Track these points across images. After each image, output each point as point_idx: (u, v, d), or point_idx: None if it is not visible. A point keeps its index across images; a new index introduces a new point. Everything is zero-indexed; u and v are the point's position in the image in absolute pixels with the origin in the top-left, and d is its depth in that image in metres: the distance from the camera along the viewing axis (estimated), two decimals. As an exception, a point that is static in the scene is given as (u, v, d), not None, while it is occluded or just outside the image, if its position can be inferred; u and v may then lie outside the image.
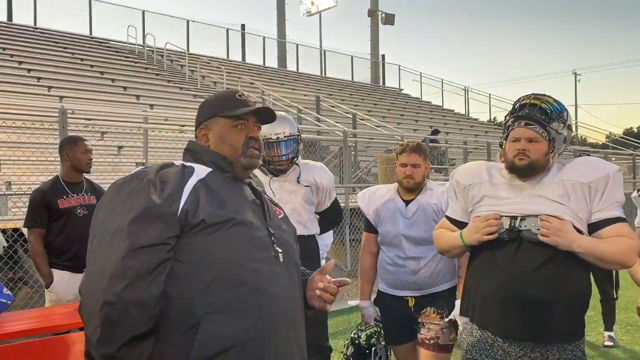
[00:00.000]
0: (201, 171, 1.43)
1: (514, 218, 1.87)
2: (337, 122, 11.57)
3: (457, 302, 2.39)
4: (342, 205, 7.47)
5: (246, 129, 1.52)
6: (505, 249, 1.87)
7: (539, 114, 1.89)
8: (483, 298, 1.92)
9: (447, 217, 2.14)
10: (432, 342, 2.58)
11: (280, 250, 1.44)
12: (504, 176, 1.97)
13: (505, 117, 2.00)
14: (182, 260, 1.31)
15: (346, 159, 8.42)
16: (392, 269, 2.68)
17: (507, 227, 1.87)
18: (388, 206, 2.73)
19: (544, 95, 1.95)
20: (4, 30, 14.63)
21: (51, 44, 14.77)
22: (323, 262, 3.55)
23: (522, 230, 1.85)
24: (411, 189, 2.69)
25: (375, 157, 10.32)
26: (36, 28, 15.99)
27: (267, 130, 2.75)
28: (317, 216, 3.03)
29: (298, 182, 2.79)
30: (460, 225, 2.04)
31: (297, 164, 2.82)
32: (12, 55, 12.68)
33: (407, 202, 2.70)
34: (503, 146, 1.98)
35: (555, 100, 1.94)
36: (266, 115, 1.57)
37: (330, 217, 3.02)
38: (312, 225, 2.88)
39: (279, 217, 1.59)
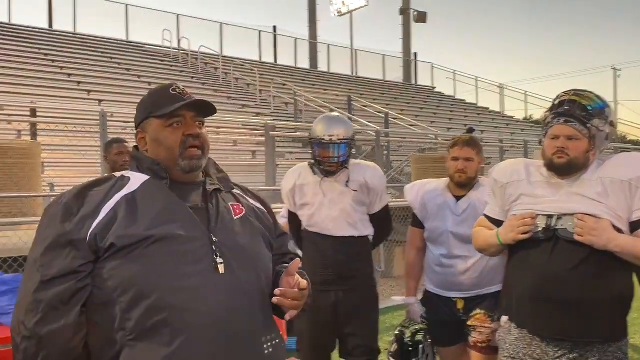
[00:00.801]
0: (136, 182, 1.34)
1: (550, 217, 1.84)
2: (369, 122, 11.54)
3: None
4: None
5: (183, 127, 1.38)
6: (541, 249, 1.84)
7: (579, 110, 1.85)
8: (519, 297, 1.90)
9: (485, 215, 2.12)
10: (484, 345, 2.51)
11: (220, 261, 1.30)
12: (543, 174, 1.93)
13: (545, 113, 1.97)
14: (100, 286, 1.25)
15: (379, 159, 8.39)
16: (439, 269, 2.61)
17: (543, 226, 1.84)
18: (437, 201, 2.64)
19: (585, 91, 1.91)
20: (45, 37, 15.14)
21: (90, 48, 15.21)
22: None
23: (558, 229, 1.82)
24: (463, 184, 2.59)
25: (408, 156, 10.25)
26: (76, 34, 16.47)
27: (321, 131, 2.75)
28: None
29: (347, 185, 2.75)
30: (499, 224, 2.02)
31: (347, 167, 2.78)
32: (53, 61, 13.11)
33: (458, 198, 2.60)
34: (542, 143, 1.94)
35: (597, 96, 1.89)
36: (204, 108, 1.43)
37: (378, 225, 2.88)
38: (364, 227, 2.80)
39: (238, 216, 1.42)
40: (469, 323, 2.56)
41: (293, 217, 2.92)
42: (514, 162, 2.06)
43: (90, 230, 1.25)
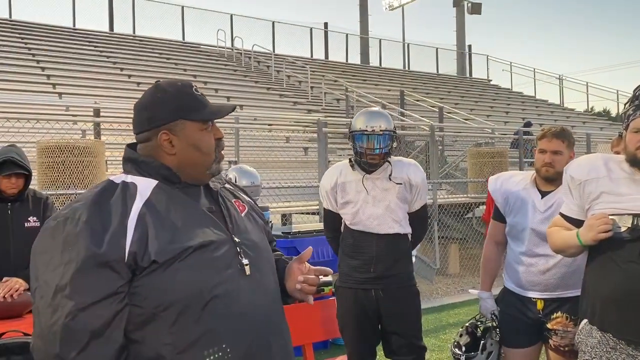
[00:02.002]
0: (145, 188, 1.27)
1: (636, 216, 1.73)
2: (422, 117, 11.37)
3: None
4: (429, 201, 7.39)
5: (213, 130, 1.36)
6: (627, 249, 1.74)
7: None
8: (603, 299, 1.81)
9: (561, 214, 2.01)
10: (567, 349, 2.38)
11: (246, 262, 1.30)
12: (625, 170, 1.82)
13: (625, 104, 1.86)
14: (139, 304, 1.19)
15: (433, 153, 8.25)
16: (518, 267, 2.48)
17: (629, 226, 1.74)
18: (520, 195, 2.48)
19: None
20: (106, 40, 15.79)
21: (148, 50, 15.74)
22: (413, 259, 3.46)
23: None
24: (550, 179, 2.41)
25: (464, 151, 10.03)
26: (135, 36, 17.09)
27: (362, 123, 2.72)
28: None
29: (390, 179, 2.71)
30: (577, 223, 1.91)
31: (389, 161, 2.74)
32: (114, 63, 13.65)
33: (543, 194, 2.44)
34: (623, 136, 1.83)
35: None
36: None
37: (417, 224, 2.84)
38: (407, 224, 2.77)
39: (243, 213, 1.43)
40: (549, 326, 2.42)
41: (328, 215, 2.90)
42: (592, 157, 1.94)
43: (128, 249, 1.18)
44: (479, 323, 2.64)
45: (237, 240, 1.32)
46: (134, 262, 1.18)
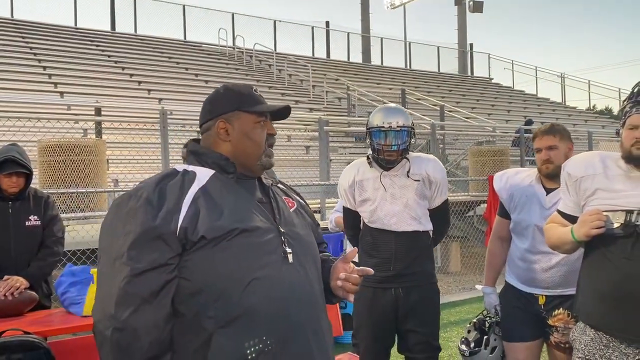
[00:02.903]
0: (203, 176, 1.39)
1: (629, 212, 1.74)
2: (424, 115, 11.36)
3: None
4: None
5: (266, 126, 1.48)
6: (620, 245, 1.75)
7: None
8: (596, 296, 1.81)
9: (558, 211, 2.02)
10: (567, 345, 2.37)
11: (289, 251, 1.39)
12: (621, 167, 1.83)
13: (623, 102, 1.87)
14: (187, 277, 1.30)
15: (434, 152, 8.25)
16: (522, 263, 2.50)
17: (622, 222, 1.74)
18: (525, 192, 2.50)
19: None
20: (108, 39, 15.80)
21: (150, 49, 15.74)
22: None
23: (639, 225, 1.72)
24: (552, 175, 2.40)
25: (464, 149, 10.03)
26: (136, 35, 17.09)
27: (380, 120, 2.68)
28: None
29: (408, 176, 2.67)
30: (572, 220, 1.92)
31: (407, 158, 2.71)
32: (116, 62, 13.66)
33: (548, 191, 2.45)
34: (620, 133, 1.84)
35: None
36: (280, 114, 1.53)
37: (438, 219, 2.80)
38: (427, 221, 2.74)
39: (292, 209, 1.53)
40: (550, 322, 2.43)
41: (348, 213, 2.89)
42: (589, 154, 1.95)
43: (180, 224, 1.29)
44: (487, 319, 2.64)
45: (282, 230, 1.42)
46: (185, 237, 1.29)
